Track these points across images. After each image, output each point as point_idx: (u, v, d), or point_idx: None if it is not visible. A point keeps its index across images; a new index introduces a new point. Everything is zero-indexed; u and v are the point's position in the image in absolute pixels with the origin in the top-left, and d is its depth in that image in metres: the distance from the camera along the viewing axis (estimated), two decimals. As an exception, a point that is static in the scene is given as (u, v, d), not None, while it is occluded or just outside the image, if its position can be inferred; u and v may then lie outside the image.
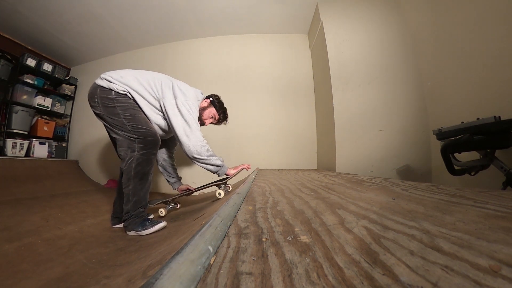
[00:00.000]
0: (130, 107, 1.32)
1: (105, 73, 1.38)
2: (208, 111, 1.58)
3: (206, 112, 1.57)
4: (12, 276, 0.81)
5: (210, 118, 1.60)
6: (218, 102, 1.61)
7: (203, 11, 2.70)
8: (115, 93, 1.31)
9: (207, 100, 1.59)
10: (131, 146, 1.28)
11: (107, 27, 2.99)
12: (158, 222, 1.29)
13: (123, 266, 0.81)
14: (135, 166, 1.26)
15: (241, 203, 0.66)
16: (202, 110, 1.56)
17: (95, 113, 1.38)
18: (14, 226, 1.29)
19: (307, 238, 0.37)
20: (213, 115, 1.60)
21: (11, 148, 2.90)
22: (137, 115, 1.32)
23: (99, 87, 1.33)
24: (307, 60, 3.06)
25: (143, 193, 1.30)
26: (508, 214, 0.40)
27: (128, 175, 1.26)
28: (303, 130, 2.91)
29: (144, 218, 1.30)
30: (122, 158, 1.30)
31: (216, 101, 1.60)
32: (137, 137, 1.28)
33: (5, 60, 3.01)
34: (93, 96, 1.34)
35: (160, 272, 0.24)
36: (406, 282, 0.22)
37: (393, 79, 2.17)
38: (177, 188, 1.82)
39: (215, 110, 1.59)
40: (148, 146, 1.30)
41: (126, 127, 1.28)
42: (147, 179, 1.31)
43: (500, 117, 0.99)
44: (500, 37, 1.33)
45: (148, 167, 1.31)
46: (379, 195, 0.69)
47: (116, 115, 1.29)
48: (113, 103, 1.30)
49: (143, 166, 1.28)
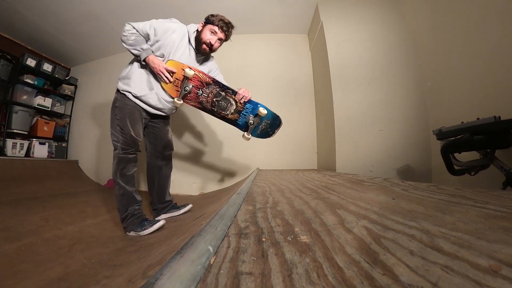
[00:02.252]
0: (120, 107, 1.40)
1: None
2: (205, 31, 1.40)
3: (205, 32, 1.40)
4: (12, 276, 0.81)
5: (211, 34, 1.40)
6: (211, 15, 1.41)
7: (203, 11, 2.70)
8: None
9: (201, 24, 1.44)
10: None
11: (107, 27, 2.99)
12: (156, 221, 1.31)
13: (123, 266, 0.81)
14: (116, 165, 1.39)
15: (241, 203, 0.66)
16: (200, 37, 1.41)
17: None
18: (14, 226, 1.29)
19: (307, 238, 0.37)
20: (212, 29, 1.40)
21: (11, 148, 2.90)
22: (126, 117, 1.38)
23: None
24: (307, 60, 3.06)
25: (130, 191, 1.36)
26: (508, 214, 0.40)
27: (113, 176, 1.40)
28: (303, 130, 2.91)
29: (142, 219, 1.32)
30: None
31: (209, 16, 1.42)
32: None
33: (5, 60, 3.01)
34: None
35: (160, 272, 0.24)
36: (406, 282, 0.22)
37: (393, 79, 2.17)
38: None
39: (211, 25, 1.40)
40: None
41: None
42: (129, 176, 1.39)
43: (500, 117, 0.99)
44: (500, 37, 1.33)
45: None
46: (379, 195, 0.69)
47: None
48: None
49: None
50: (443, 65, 1.83)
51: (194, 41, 1.43)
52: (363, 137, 2.09)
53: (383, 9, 2.33)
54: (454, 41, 1.69)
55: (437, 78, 1.92)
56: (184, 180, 2.90)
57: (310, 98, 2.98)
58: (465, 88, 1.61)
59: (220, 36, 1.42)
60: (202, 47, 1.41)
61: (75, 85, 3.76)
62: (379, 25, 2.29)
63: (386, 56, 2.22)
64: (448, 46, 1.75)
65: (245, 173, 2.73)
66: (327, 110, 2.38)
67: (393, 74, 2.17)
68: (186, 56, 1.43)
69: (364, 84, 2.18)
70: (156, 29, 1.34)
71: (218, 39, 1.42)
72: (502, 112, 1.07)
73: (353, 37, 2.29)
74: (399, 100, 2.13)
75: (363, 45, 2.26)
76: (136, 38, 1.32)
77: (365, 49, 2.25)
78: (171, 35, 1.37)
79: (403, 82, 2.15)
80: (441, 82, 1.87)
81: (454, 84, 1.72)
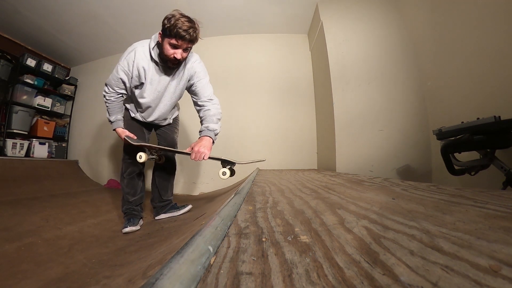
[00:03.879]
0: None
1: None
2: (165, 45, 1.20)
3: (166, 47, 1.20)
4: (12, 276, 0.81)
5: (173, 47, 1.19)
6: (167, 21, 1.15)
7: (203, 11, 2.70)
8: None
9: (159, 34, 1.22)
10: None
11: (107, 27, 2.99)
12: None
13: (123, 266, 0.81)
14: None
15: (241, 203, 0.66)
16: (163, 54, 1.23)
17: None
18: (14, 226, 1.29)
19: (307, 238, 0.37)
20: (171, 43, 1.18)
21: (11, 148, 2.90)
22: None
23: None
24: (307, 60, 3.06)
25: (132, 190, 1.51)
26: (508, 214, 0.40)
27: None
28: (303, 130, 2.91)
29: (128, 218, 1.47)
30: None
31: (164, 23, 1.15)
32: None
33: (5, 60, 3.01)
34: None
35: (160, 272, 0.24)
36: (406, 282, 0.22)
37: (393, 79, 2.16)
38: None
39: (168, 38, 1.17)
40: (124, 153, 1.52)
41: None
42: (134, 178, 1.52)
43: (500, 117, 0.99)
44: (500, 37, 1.33)
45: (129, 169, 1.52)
46: (379, 195, 0.69)
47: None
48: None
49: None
50: (443, 65, 1.83)
51: (158, 58, 1.27)
52: (363, 137, 2.09)
53: (383, 9, 2.33)
54: (454, 41, 1.69)
55: (437, 78, 1.92)
56: (184, 180, 2.90)
57: (310, 98, 2.98)
58: (465, 88, 1.61)
59: (184, 46, 1.20)
60: (169, 64, 1.26)
61: (75, 85, 3.76)
62: (379, 25, 2.29)
63: (386, 56, 2.21)
64: (448, 46, 1.75)
65: (245, 173, 2.74)
66: (327, 110, 2.38)
67: (393, 74, 2.17)
68: (156, 76, 1.33)
69: (364, 84, 2.18)
70: (125, 70, 1.30)
71: (183, 50, 1.21)
72: (502, 112, 1.07)
73: (353, 37, 2.29)
74: (399, 100, 2.13)
75: (363, 45, 2.26)
76: (108, 106, 1.42)
77: (365, 49, 2.25)
78: (137, 65, 1.28)
79: (403, 82, 2.15)
80: (441, 82, 1.87)
81: (454, 84, 1.72)
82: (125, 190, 1.50)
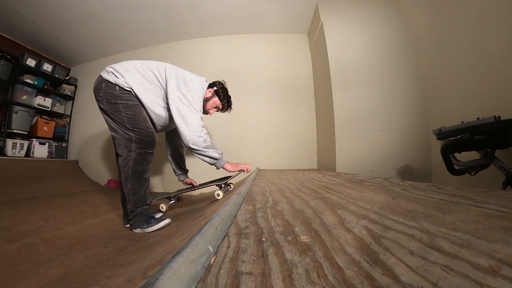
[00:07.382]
0: (132, 105, 1.31)
1: (109, 65, 1.36)
2: (212, 101, 1.57)
3: (210, 103, 1.57)
4: (12, 276, 0.81)
5: (214, 108, 1.60)
6: (222, 90, 1.58)
7: (203, 11, 2.70)
8: (119, 89, 1.30)
9: (211, 90, 1.56)
10: (128, 145, 1.29)
11: (107, 27, 2.99)
12: (162, 219, 1.31)
13: (123, 266, 0.81)
14: (133, 166, 1.28)
15: (241, 203, 0.66)
16: (205, 101, 1.54)
17: (100, 107, 1.36)
18: (14, 226, 1.29)
19: (307, 238, 0.37)
20: (217, 105, 1.59)
21: (11, 148, 2.90)
22: (138, 113, 1.32)
23: (105, 82, 1.31)
24: (307, 60, 3.06)
25: (143, 191, 1.32)
26: (508, 214, 0.40)
27: (126, 174, 1.29)
28: (303, 130, 2.91)
29: (149, 216, 1.32)
30: (119, 156, 1.33)
31: (220, 90, 1.57)
32: (134, 136, 1.29)
33: (5, 60, 3.01)
34: (99, 90, 1.32)
35: (160, 272, 0.24)
36: (406, 282, 0.22)
37: (393, 79, 2.16)
38: (182, 181, 1.85)
39: (219, 100, 1.58)
40: (144, 146, 1.31)
41: (125, 125, 1.29)
42: (145, 177, 1.33)
43: (500, 117, 0.99)
44: (500, 37, 1.33)
45: (145, 165, 1.33)
46: (379, 195, 0.69)
47: (117, 112, 1.29)
48: (116, 99, 1.29)
49: (140, 164, 1.30)
50: (443, 65, 1.83)
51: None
52: (363, 137, 2.09)
53: (383, 9, 2.33)
54: (454, 40, 1.69)
55: (437, 78, 1.92)
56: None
57: (310, 98, 2.98)
58: (465, 87, 1.61)
59: (219, 111, 1.65)
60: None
61: (75, 85, 3.76)
62: (379, 25, 2.29)
63: (386, 56, 2.21)
64: (448, 46, 1.75)
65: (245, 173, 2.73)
66: (327, 110, 2.38)
67: (393, 74, 2.17)
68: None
69: (364, 84, 2.18)
70: (200, 97, 1.45)
71: (215, 111, 1.64)
72: (502, 112, 1.08)
73: (353, 37, 2.29)
74: (399, 100, 2.13)
75: (363, 45, 2.26)
76: (210, 140, 1.43)
77: (365, 49, 2.25)
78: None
79: (403, 82, 2.15)
80: (441, 82, 1.87)
81: (454, 84, 1.72)
82: (143, 190, 1.36)
